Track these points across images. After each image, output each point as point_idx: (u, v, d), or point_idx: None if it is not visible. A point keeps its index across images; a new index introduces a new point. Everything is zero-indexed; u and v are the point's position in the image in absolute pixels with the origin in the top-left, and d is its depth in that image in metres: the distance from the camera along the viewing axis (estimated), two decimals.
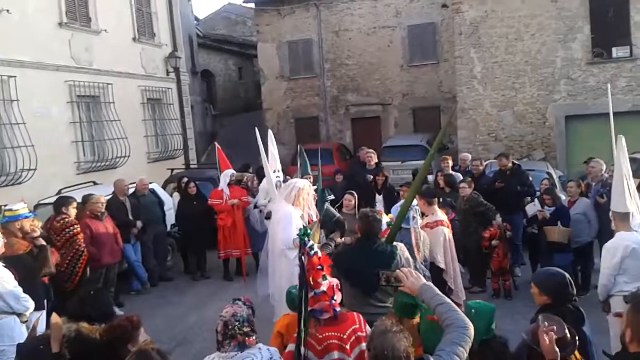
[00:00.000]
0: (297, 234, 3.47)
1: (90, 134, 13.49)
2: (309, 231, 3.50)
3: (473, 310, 3.45)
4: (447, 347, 2.60)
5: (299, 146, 9.62)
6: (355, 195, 7.92)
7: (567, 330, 3.08)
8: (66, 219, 7.55)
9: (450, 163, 10.63)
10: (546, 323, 3.06)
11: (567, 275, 3.75)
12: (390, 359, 2.47)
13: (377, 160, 10.96)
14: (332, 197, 8.57)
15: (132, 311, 7.42)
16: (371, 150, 11.33)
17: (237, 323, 3.09)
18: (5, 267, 5.04)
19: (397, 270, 3.17)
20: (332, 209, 7.57)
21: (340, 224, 7.11)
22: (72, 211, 7.75)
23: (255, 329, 3.27)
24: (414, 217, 5.90)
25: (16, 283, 4.98)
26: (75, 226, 7.55)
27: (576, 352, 3.16)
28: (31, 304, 5.03)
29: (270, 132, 8.95)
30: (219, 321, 3.16)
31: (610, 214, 5.41)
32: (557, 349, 2.94)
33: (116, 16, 14.50)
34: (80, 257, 7.41)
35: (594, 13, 15.78)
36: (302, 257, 3.38)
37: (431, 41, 21.26)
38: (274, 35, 23.00)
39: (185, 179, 10.49)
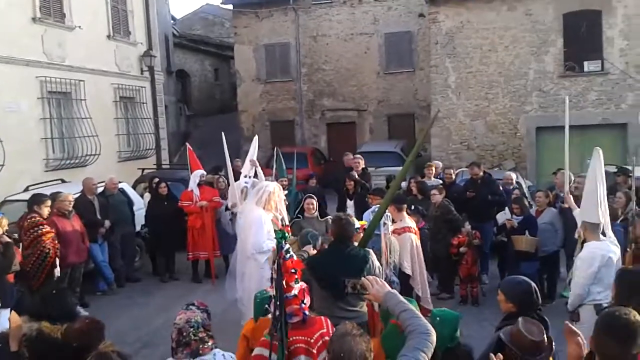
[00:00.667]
0: (275, 237, 3.44)
1: (60, 131, 13.26)
2: (286, 234, 3.48)
3: (438, 318, 3.46)
4: (409, 353, 2.61)
5: (275, 149, 9.58)
6: (315, 199, 7.89)
7: (545, 335, 3.11)
8: (35, 219, 7.42)
9: (433, 171, 10.66)
10: (529, 326, 3.09)
11: (533, 284, 3.79)
12: None
13: (364, 166, 10.96)
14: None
15: (97, 312, 7.31)
16: (358, 155, 11.37)
17: (191, 329, 3.03)
18: None
19: (363, 279, 3.17)
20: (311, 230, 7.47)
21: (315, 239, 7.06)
22: (45, 210, 7.63)
23: (214, 332, 3.22)
24: (385, 224, 5.93)
25: None
26: (42, 227, 7.40)
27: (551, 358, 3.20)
28: None
29: (255, 138, 8.91)
30: (173, 328, 3.10)
31: (580, 224, 5.46)
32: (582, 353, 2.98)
33: (91, 13, 14.30)
34: (45, 257, 7.25)
35: (567, 27, 16.13)
36: (279, 260, 3.35)
37: (407, 49, 21.47)
38: (252, 37, 22.96)
39: (157, 179, 10.36)
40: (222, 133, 8.01)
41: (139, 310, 8.44)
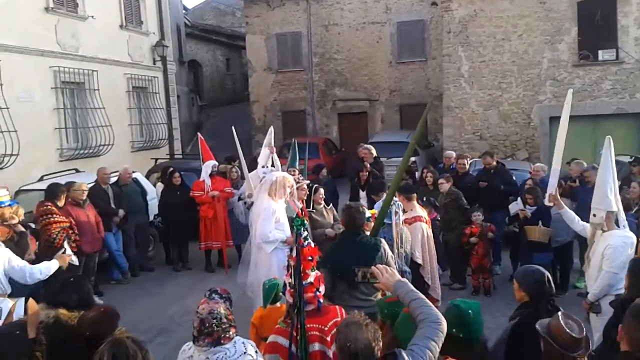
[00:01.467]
0: (293, 224, 3.45)
1: (74, 120, 13.35)
2: (305, 221, 3.49)
3: (471, 312, 3.40)
4: (419, 342, 2.62)
5: (293, 140, 9.55)
6: (322, 190, 7.86)
7: (584, 332, 3.10)
8: (47, 207, 7.50)
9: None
10: (570, 322, 3.08)
11: (547, 274, 3.79)
12: (352, 352, 2.49)
13: (375, 155, 10.94)
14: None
15: (111, 301, 7.39)
16: (368, 145, 11.38)
17: (214, 321, 3.05)
18: None
19: (373, 267, 3.18)
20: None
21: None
22: (62, 200, 7.81)
23: (234, 320, 3.24)
24: (396, 213, 5.92)
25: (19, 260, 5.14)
26: (52, 215, 7.47)
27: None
28: (42, 274, 5.15)
29: (271, 129, 8.93)
30: (195, 317, 3.13)
31: (604, 214, 5.35)
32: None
33: (103, 3, 14.34)
34: (52, 245, 7.31)
35: (581, 15, 15.92)
36: (298, 247, 3.37)
37: (420, 38, 21.32)
38: (263, 27, 22.90)
39: (170, 169, 10.41)
40: (233, 127, 8.02)
41: (153, 299, 8.52)
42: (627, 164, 10.46)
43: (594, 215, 5.36)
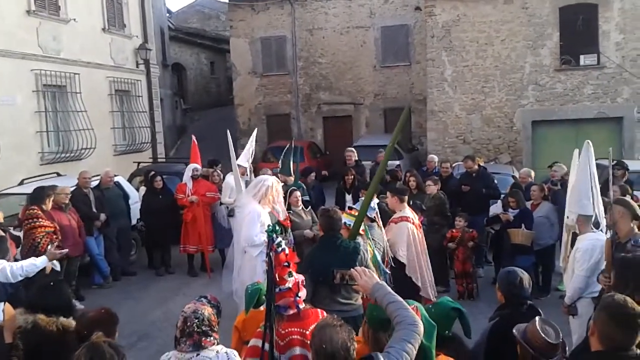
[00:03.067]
0: (266, 231, 3.45)
1: (55, 124, 13.23)
2: (277, 228, 3.49)
3: (432, 309, 3.42)
4: (396, 345, 2.62)
5: (291, 142, 9.49)
6: (298, 192, 7.87)
7: (560, 338, 3.12)
8: (32, 211, 7.44)
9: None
10: (546, 327, 3.10)
11: (522, 276, 3.80)
12: (329, 352, 2.50)
13: (357, 158, 11.03)
14: (307, 197, 8.50)
15: (93, 305, 7.29)
16: (351, 148, 11.47)
17: (196, 320, 3.03)
18: None
19: (352, 269, 3.18)
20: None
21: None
22: (49, 204, 7.76)
23: (218, 328, 3.22)
24: (373, 208, 5.89)
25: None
26: (37, 220, 7.39)
27: None
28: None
29: (255, 131, 8.87)
30: (180, 316, 3.11)
31: (575, 217, 5.42)
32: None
33: (86, 5, 14.25)
34: (36, 249, 7.22)
35: (563, 21, 16.13)
36: (270, 254, 3.36)
37: (404, 43, 21.45)
38: (247, 30, 22.88)
39: (151, 173, 10.34)
40: (228, 131, 7.95)
41: (135, 304, 8.45)
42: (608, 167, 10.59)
43: (567, 217, 5.43)
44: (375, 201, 6.05)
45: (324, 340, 2.52)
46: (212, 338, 3.07)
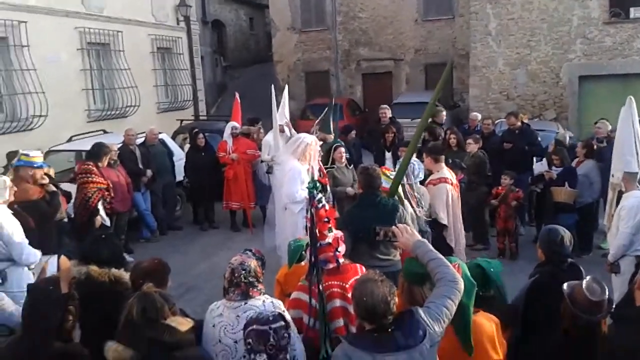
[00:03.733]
0: (307, 187, 3.53)
1: (100, 82, 13.50)
2: (317, 184, 3.56)
3: (493, 269, 3.46)
4: (437, 300, 2.70)
5: (332, 101, 9.45)
6: (343, 149, 7.88)
7: (606, 296, 3.13)
8: (88, 167, 7.75)
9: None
10: (593, 285, 3.12)
11: (563, 234, 3.80)
12: (369, 305, 2.57)
13: (391, 116, 10.93)
14: (347, 155, 8.52)
15: (141, 259, 7.59)
16: (384, 105, 11.32)
17: (243, 272, 3.16)
18: (19, 213, 5.13)
19: (393, 227, 3.24)
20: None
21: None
22: (105, 161, 8.09)
23: (263, 280, 3.35)
24: (414, 173, 5.88)
25: (24, 235, 4.90)
26: (90, 175, 7.66)
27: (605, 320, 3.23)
28: (35, 258, 4.95)
29: (286, 89, 8.89)
30: (227, 268, 3.25)
31: (620, 175, 5.34)
32: None
33: None
34: (87, 203, 7.53)
35: None
36: (311, 210, 3.44)
37: None
38: None
39: (195, 130, 10.51)
40: (272, 86, 7.97)
41: (181, 257, 8.73)
42: None
43: (612, 175, 5.34)
44: (421, 167, 6.01)
45: (365, 294, 2.59)
46: (258, 288, 3.21)
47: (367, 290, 2.60)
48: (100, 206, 7.67)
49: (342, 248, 3.59)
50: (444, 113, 10.82)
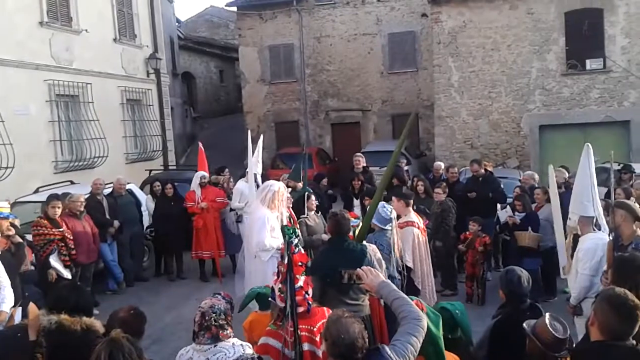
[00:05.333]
0: (284, 232, 3.60)
1: (68, 133, 13.46)
2: (297, 230, 3.64)
3: (458, 312, 3.58)
4: (402, 337, 2.78)
5: (305, 151, 9.61)
6: (314, 197, 7.99)
7: (568, 333, 3.23)
8: (37, 219, 7.74)
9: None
10: (555, 323, 3.22)
11: (520, 274, 3.91)
12: (347, 342, 2.61)
13: (365, 164, 11.12)
14: (317, 203, 8.62)
15: (107, 310, 7.43)
16: (359, 154, 11.55)
17: (213, 315, 3.20)
18: None
19: (358, 269, 3.33)
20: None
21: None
22: (50, 210, 7.85)
23: (232, 324, 3.37)
24: (391, 219, 6.01)
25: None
26: (36, 228, 7.64)
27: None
28: (7, 305, 4.92)
29: (261, 137, 9.02)
30: (197, 312, 3.27)
31: (576, 218, 5.54)
32: None
33: (97, 16, 14.50)
34: (36, 256, 7.46)
35: (569, 26, 16.23)
36: (289, 254, 3.51)
37: (411, 49, 21.58)
38: (256, 39, 23.11)
39: (157, 183, 10.49)
40: (249, 130, 8.10)
41: (148, 309, 8.47)
42: (615, 171, 10.65)
43: (570, 219, 5.53)
44: (392, 211, 6.13)
45: (342, 331, 2.63)
46: (228, 331, 3.23)
47: (343, 328, 2.65)
48: (53, 258, 7.53)
49: (310, 292, 3.65)
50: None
